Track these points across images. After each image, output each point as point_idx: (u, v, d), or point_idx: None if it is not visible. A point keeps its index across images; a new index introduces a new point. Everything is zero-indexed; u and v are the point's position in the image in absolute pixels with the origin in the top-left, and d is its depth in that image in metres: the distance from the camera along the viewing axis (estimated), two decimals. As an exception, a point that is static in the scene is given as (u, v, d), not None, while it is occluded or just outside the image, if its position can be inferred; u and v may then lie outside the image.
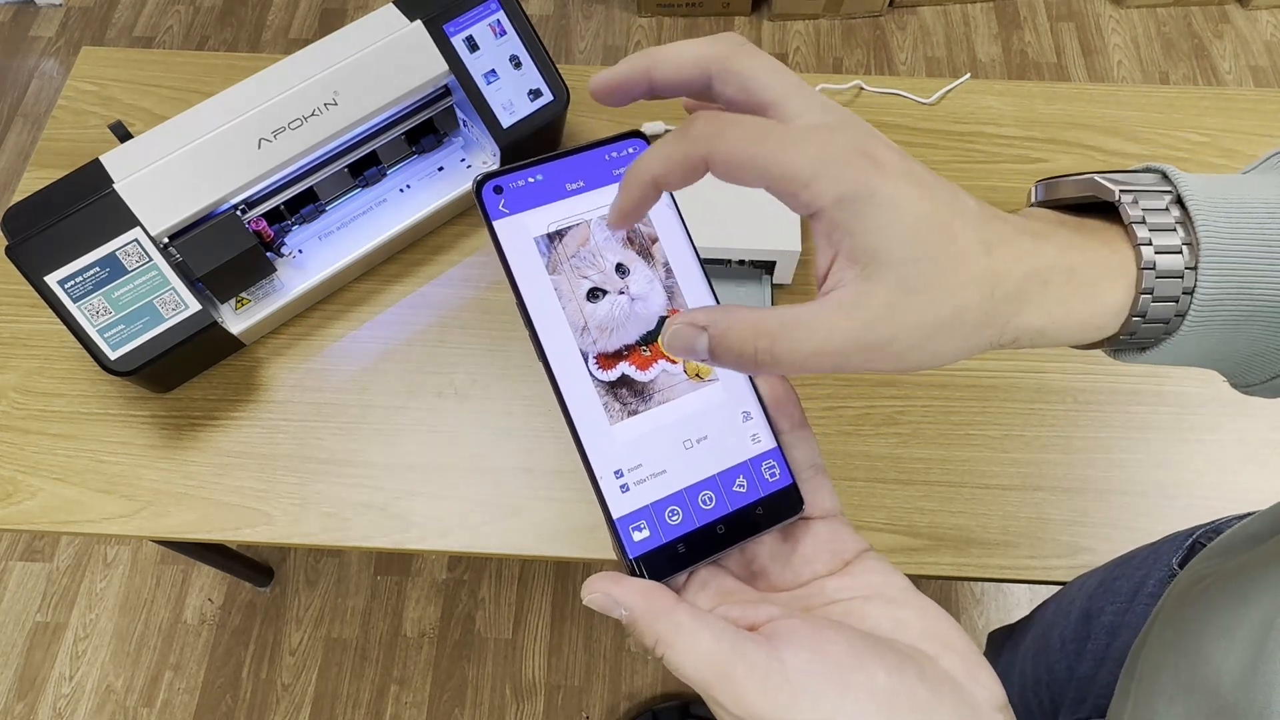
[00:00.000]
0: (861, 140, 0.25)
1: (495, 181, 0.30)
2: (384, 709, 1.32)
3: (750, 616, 0.28)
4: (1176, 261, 0.27)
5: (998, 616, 1.38)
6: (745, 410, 0.31)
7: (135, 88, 0.92)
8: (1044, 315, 0.26)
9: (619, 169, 0.32)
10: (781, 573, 0.30)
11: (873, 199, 0.25)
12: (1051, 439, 0.73)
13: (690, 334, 0.26)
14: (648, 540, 0.29)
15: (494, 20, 0.78)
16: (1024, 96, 0.91)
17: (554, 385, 0.30)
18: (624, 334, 0.31)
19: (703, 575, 0.30)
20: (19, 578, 1.39)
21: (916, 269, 0.25)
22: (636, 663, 1.35)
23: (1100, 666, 0.55)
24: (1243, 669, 0.30)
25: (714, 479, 0.30)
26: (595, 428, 0.30)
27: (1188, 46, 1.99)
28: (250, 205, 0.74)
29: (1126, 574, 0.57)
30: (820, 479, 0.31)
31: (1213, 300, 0.27)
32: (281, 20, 2.05)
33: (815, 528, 0.31)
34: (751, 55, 0.27)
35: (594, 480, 0.30)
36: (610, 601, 0.27)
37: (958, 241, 0.25)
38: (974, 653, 0.27)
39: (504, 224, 0.30)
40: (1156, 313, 0.27)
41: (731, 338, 0.25)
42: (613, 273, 0.31)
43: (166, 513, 0.71)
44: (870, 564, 0.30)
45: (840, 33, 2.02)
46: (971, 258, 0.25)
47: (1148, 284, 0.27)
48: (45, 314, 0.77)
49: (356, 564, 1.42)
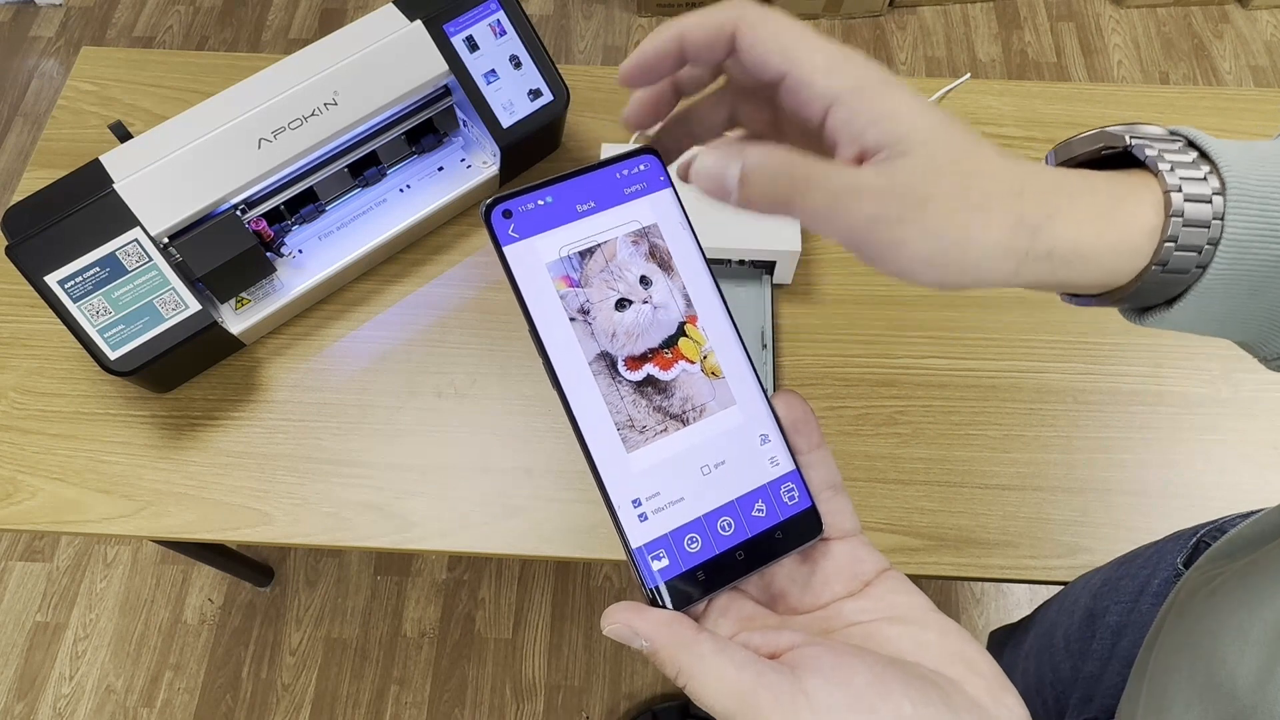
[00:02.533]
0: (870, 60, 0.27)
1: (504, 205, 0.30)
2: (384, 709, 1.32)
3: (772, 643, 0.27)
4: (1203, 187, 0.26)
5: (998, 616, 1.38)
6: (763, 433, 0.31)
7: (135, 88, 0.92)
8: (1077, 227, 0.26)
9: (630, 187, 0.31)
10: (800, 595, 0.30)
11: (894, 89, 0.26)
12: (1052, 439, 0.73)
13: (721, 161, 0.26)
14: (667, 569, 0.29)
15: (494, 20, 0.78)
16: (1024, 96, 0.91)
17: (569, 415, 0.29)
18: (648, 339, 0.31)
19: (722, 601, 0.30)
20: (19, 578, 1.39)
21: (948, 150, 0.25)
22: (636, 663, 1.35)
23: (1106, 666, 0.55)
24: (1258, 671, 0.30)
25: (733, 504, 0.30)
26: (612, 456, 0.29)
27: (1188, 46, 1.99)
28: (250, 205, 0.74)
29: (1130, 573, 0.57)
30: (840, 499, 0.31)
31: (1243, 232, 0.26)
32: (281, 20, 2.05)
33: (834, 549, 0.30)
34: (763, 10, 0.28)
35: (612, 510, 0.29)
36: (630, 633, 0.27)
37: (980, 142, 0.26)
38: (998, 675, 0.27)
39: (515, 249, 0.30)
40: (1189, 239, 0.26)
41: (769, 164, 0.26)
42: (637, 284, 0.31)
43: (166, 513, 0.71)
44: (891, 584, 0.29)
45: (840, 33, 2.02)
46: (994, 157, 0.26)
47: (1176, 207, 0.26)
48: (45, 314, 0.77)
49: (356, 564, 1.42)
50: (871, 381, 0.76)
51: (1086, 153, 0.30)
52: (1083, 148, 0.30)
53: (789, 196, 0.25)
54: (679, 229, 0.32)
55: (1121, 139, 0.28)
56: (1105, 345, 0.76)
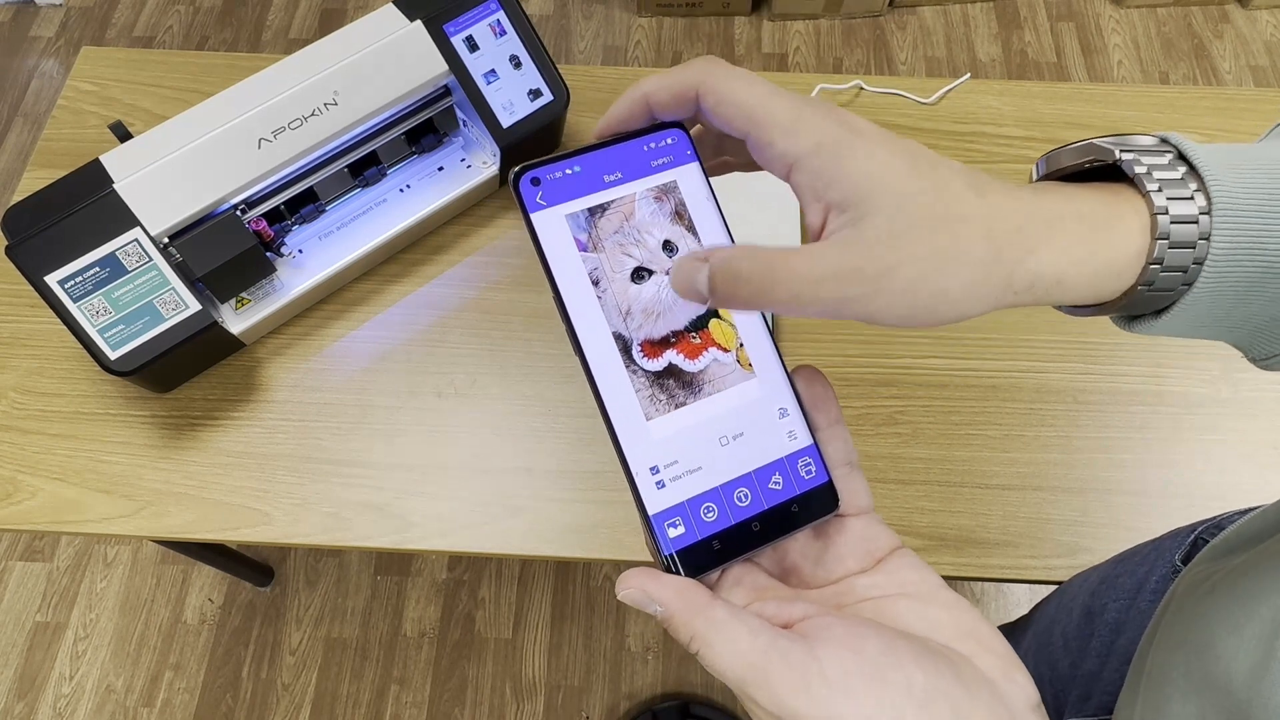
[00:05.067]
0: (836, 111, 0.27)
1: (533, 173, 0.30)
2: (384, 709, 1.32)
3: (785, 614, 0.28)
4: (1189, 207, 0.26)
5: (998, 616, 1.38)
6: (782, 406, 0.31)
7: (135, 88, 0.92)
8: (1060, 257, 0.26)
9: (658, 159, 0.31)
10: (813, 570, 0.30)
11: (854, 145, 0.25)
12: (1052, 439, 0.73)
13: (691, 268, 0.26)
14: (683, 537, 0.29)
15: (494, 20, 0.78)
16: (1024, 96, 0.91)
17: (591, 381, 0.29)
18: (671, 319, 0.30)
19: (736, 572, 0.30)
20: (19, 578, 1.39)
21: (911, 204, 0.25)
22: (636, 663, 1.35)
23: (1105, 664, 0.55)
24: (1254, 667, 0.30)
25: (750, 476, 0.30)
26: (632, 423, 0.29)
27: (1188, 46, 1.99)
28: (250, 205, 0.74)
29: (1128, 570, 0.57)
30: (855, 476, 0.31)
31: (1229, 250, 0.26)
32: (281, 20, 2.05)
33: (848, 525, 0.31)
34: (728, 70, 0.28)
35: (630, 476, 0.29)
36: (645, 597, 0.27)
37: (946, 185, 0.25)
38: (1009, 653, 0.27)
39: (542, 216, 0.30)
40: (1174, 259, 0.26)
41: (731, 268, 0.25)
42: (659, 251, 0.31)
43: (166, 513, 0.71)
44: (903, 561, 0.30)
45: (840, 33, 2.02)
46: (965, 198, 0.25)
47: (1163, 229, 0.26)
48: (45, 314, 0.77)
49: (356, 564, 1.42)
50: (871, 381, 0.76)
51: (1074, 165, 0.29)
52: (1070, 160, 0.29)
53: (758, 295, 0.25)
54: (705, 202, 0.32)
55: (1111, 154, 0.28)
56: (1105, 345, 0.76)
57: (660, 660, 1.35)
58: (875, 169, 0.25)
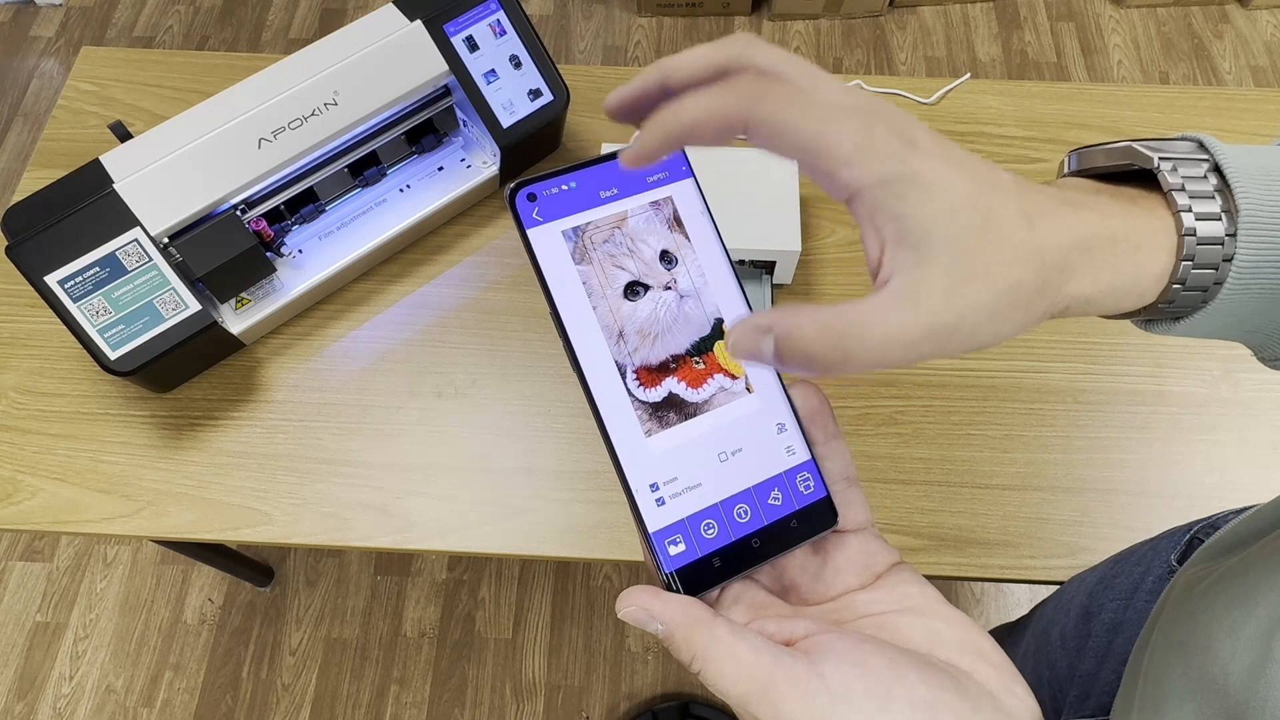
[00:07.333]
0: (896, 121, 0.25)
1: (529, 189, 0.30)
2: (384, 709, 1.32)
3: (786, 631, 0.28)
4: (1216, 228, 0.27)
5: (998, 616, 1.38)
6: (780, 422, 0.31)
7: (135, 88, 0.92)
8: (1092, 283, 0.26)
9: (654, 175, 0.31)
10: (812, 586, 0.30)
11: (915, 180, 0.24)
12: (1052, 439, 0.73)
13: (755, 338, 0.25)
14: (683, 554, 0.29)
15: (494, 20, 0.78)
16: (1024, 96, 0.91)
17: (589, 399, 0.29)
18: (671, 341, 0.30)
19: (735, 590, 0.30)
20: (19, 578, 1.39)
21: (966, 251, 0.25)
22: (636, 663, 1.35)
23: (1102, 664, 0.55)
24: (1250, 667, 0.30)
25: (749, 492, 0.30)
26: (631, 441, 0.29)
27: (1188, 46, 1.99)
28: (250, 205, 0.74)
29: (1125, 570, 0.57)
30: (852, 491, 0.31)
31: (1251, 268, 0.27)
32: (281, 20, 2.05)
33: (847, 541, 0.30)
34: (766, 48, 0.27)
35: (629, 494, 0.29)
36: (646, 616, 0.27)
37: (1001, 219, 0.25)
38: (1008, 665, 0.27)
39: (538, 232, 0.30)
40: (1196, 280, 0.27)
41: (798, 338, 0.25)
42: (656, 263, 0.30)
43: (166, 513, 0.71)
44: (902, 576, 0.30)
45: (840, 32, 2.02)
46: (1016, 233, 0.25)
47: (1189, 251, 0.27)
48: (45, 314, 0.77)
49: (356, 564, 1.42)
50: (871, 381, 0.76)
51: (1109, 168, 0.30)
52: (1106, 161, 0.30)
53: (830, 370, 0.25)
54: (700, 218, 0.32)
55: (1150, 161, 0.28)
56: (1105, 345, 0.76)
57: (660, 660, 1.35)
58: (935, 210, 0.25)
